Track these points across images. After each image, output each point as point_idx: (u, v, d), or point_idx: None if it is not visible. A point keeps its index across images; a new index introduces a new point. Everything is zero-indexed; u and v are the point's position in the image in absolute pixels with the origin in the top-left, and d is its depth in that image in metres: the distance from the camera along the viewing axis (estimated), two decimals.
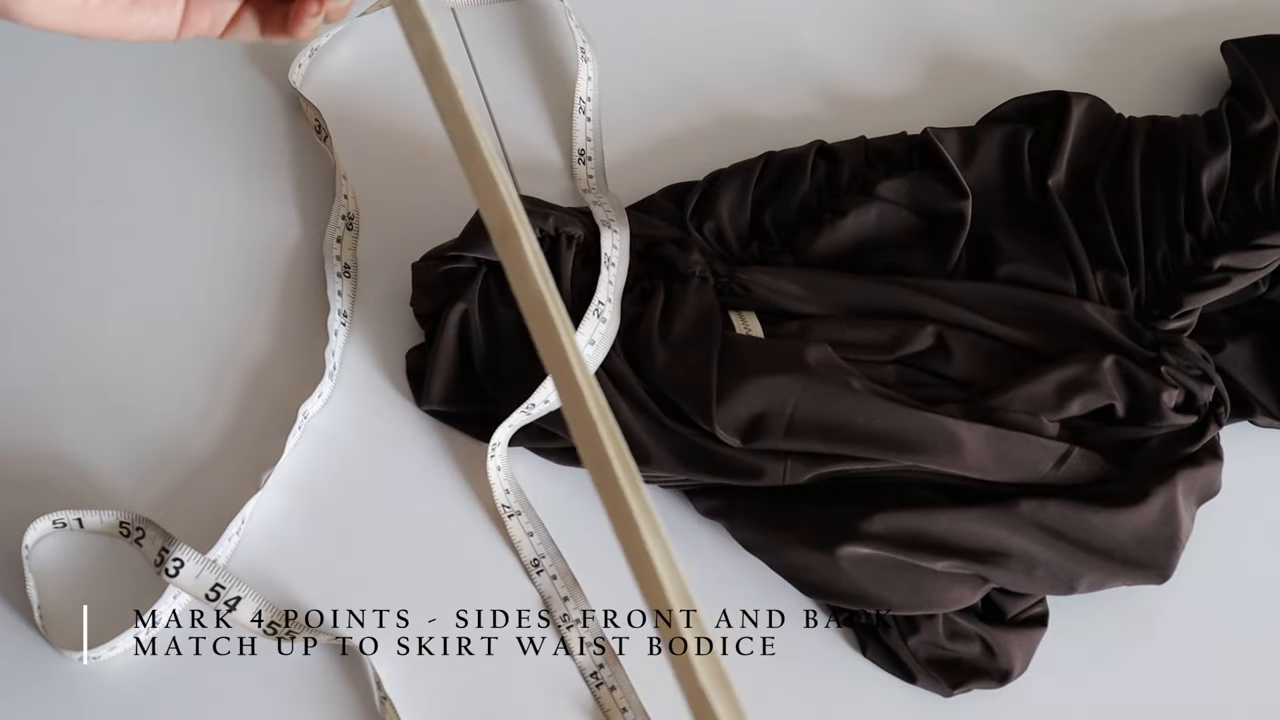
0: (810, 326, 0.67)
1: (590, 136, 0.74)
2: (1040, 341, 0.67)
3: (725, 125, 0.76)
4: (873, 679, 0.65)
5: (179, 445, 0.67)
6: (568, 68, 0.77)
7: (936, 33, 0.79)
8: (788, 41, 0.78)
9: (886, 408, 0.63)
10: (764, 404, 0.63)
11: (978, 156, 0.71)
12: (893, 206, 0.69)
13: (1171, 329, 0.67)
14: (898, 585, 0.63)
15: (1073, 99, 0.71)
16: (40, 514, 0.64)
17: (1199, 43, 0.77)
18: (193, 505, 0.66)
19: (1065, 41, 0.78)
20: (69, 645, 0.63)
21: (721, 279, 0.67)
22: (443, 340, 0.67)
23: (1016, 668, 0.64)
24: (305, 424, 0.67)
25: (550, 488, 0.67)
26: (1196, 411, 0.66)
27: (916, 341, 0.66)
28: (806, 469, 0.64)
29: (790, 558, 0.64)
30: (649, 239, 0.68)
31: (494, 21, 0.78)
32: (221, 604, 0.63)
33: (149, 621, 0.63)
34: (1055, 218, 0.69)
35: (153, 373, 0.69)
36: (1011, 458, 0.63)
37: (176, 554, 0.62)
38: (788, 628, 0.65)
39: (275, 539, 0.66)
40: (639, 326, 0.66)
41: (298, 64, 0.75)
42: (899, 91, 0.77)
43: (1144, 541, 0.63)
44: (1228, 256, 0.67)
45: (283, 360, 0.69)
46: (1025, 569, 0.63)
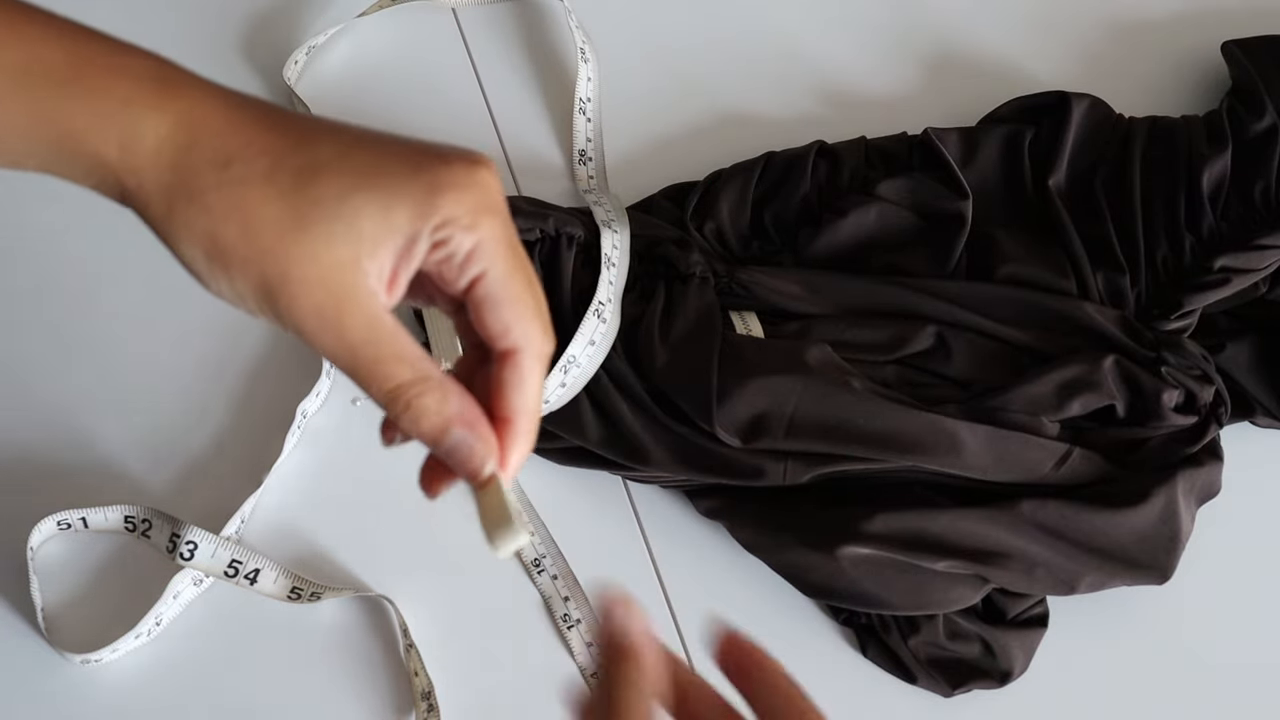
0: (810, 326, 0.67)
1: (590, 137, 0.74)
2: (1040, 341, 0.67)
3: (725, 125, 0.76)
4: (873, 679, 0.65)
5: (178, 445, 0.67)
6: (568, 68, 0.77)
7: (936, 33, 0.79)
8: (788, 41, 0.78)
9: (886, 408, 0.63)
10: (764, 404, 0.63)
11: (978, 156, 0.71)
12: (893, 206, 0.69)
13: (1172, 329, 0.67)
14: (898, 585, 0.63)
15: (1073, 99, 0.71)
16: (42, 515, 0.64)
17: (1199, 43, 0.77)
18: (192, 505, 0.66)
19: (1065, 41, 0.78)
20: (71, 647, 0.63)
21: (722, 279, 0.67)
22: None
23: (1016, 668, 0.64)
24: (304, 423, 0.67)
25: (551, 488, 0.67)
26: (1197, 412, 0.66)
27: (916, 341, 0.66)
28: (806, 469, 0.64)
29: (790, 558, 0.64)
30: (649, 239, 0.68)
31: (494, 21, 0.78)
32: (242, 578, 0.63)
33: (154, 623, 0.63)
34: (1055, 218, 0.69)
35: (151, 373, 0.69)
36: (1011, 458, 0.63)
37: (189, 537, 0.63)
38: (788, 628, 0.65)
39: (275, 538, 0.66)
40: (639, 326, 0.66)
41: (293, 61, 0.75)
42: (899, 91, 0.77)
43: (1144, 542, 0.63)
44: (1228, 257, 0.67)
45: (281, 360, 0.69)
46: (1025, 569, 0.63)
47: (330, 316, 0.40)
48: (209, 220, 0.39)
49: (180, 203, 0.39)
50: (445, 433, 0.41)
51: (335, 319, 0.40)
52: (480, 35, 0.78)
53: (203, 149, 0.40)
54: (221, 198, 0.39)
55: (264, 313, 0.40)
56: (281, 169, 0.40)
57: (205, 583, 0.64)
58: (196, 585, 0.64)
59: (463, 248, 0.40)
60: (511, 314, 0.41)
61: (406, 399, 0.41)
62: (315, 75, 0.76)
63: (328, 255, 0.39)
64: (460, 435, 0.41)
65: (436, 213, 0.40)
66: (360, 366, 0.41)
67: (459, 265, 0.41)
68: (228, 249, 0.39)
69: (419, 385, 0.41)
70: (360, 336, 0.40)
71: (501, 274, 0.41)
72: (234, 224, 0.39)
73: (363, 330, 0.40)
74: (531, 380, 0.42)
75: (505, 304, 0.41)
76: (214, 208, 0.39)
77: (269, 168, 0.40)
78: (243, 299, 0.40)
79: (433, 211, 0.40)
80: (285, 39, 0.77)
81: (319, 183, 0.40)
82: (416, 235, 0.40)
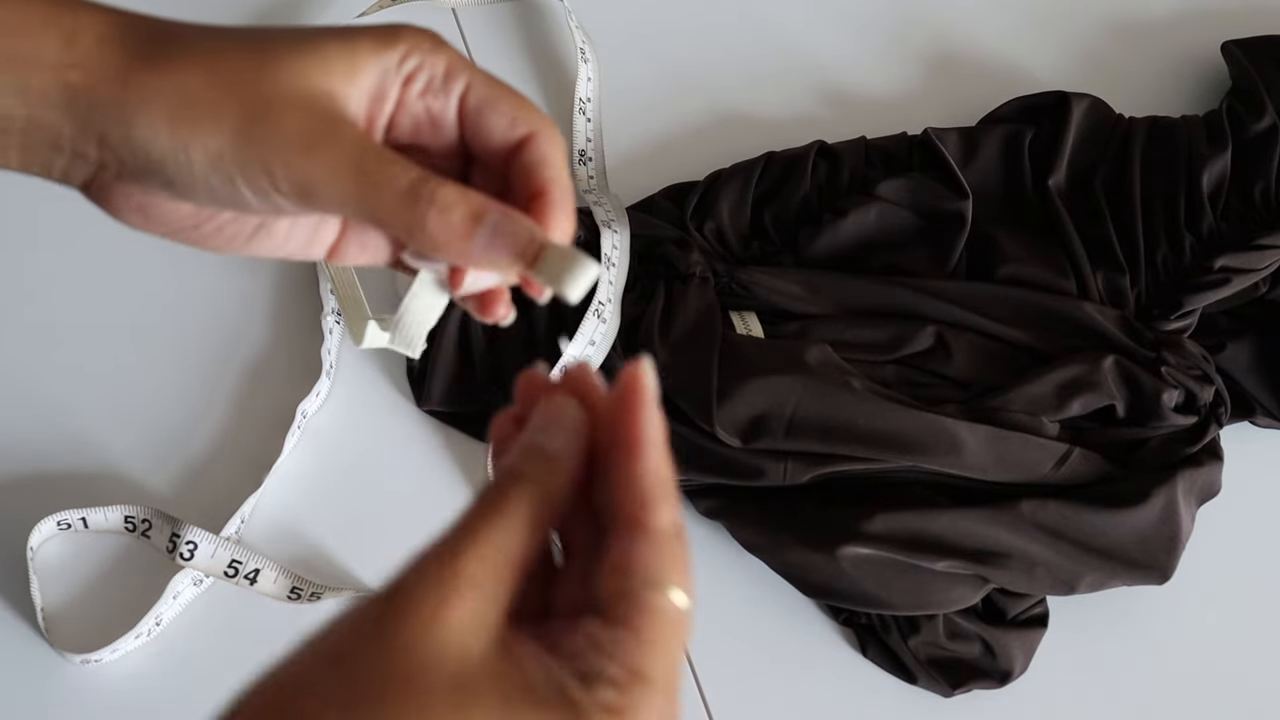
0: (810, 326, 0.67)
1: (590, 137, 0.74)
2: (1040, 341, 0.67)
3: (725, 125, 0.76)
4: (873, 679, 0.65)
5: (178, 445, 0.67)
6: (568, 68, 0.77)
7: (936, 33, 0.79)
8: (788, 41, 0.78)
9: (886, 408, 0.63)
10: (764, 404, 0.63)
11: (978, 156, 0.71)
12: (893, 206, 0.69)
13: (1171, 329, 0.67)
14: (898, 585, 0.63)
15: (1073, 99, 0.71)
16: (42, 515, 0.64)
17: (1199, 43, 0.77)
18: (192, 505, 0.66)
19: (1065, 41, 0.78)
20: (71, 647, 0.63)
21: (722, 279, 0.67)
22: (443, 340, 0.67)
23: (1016, 668, 0.64)
24: (304, 423, 0.67)
25: None
26: (1197, 412, 0.66)
27: (916, 341, 0.66)
28: (806, 469, 0.64)
29: (790, 558, 0.64)
30: (649, 239, 0.68)
31: (494, 21, 0.78)
32: (242, 578, 0.63)
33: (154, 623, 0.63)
34: (1055, 218, 0.69)
35: (151, 373, 0.69)
36: (1011, 458, 0.63)
37: (189, 537, 0.63)
38: (788, 628, 0.65)
39: (275, 538, 0.66)
40: (639, 326, 0.66)
41: None
42: (899, 91, 0.77)
43: (1144, 542, 0.63)
44: (1228, 257, 0.67)
45: (281, 360, 0.69)
46: (1025, 569, 0.63)
47: (322, 137, 0.37)
48: (172, 77, 0.37)
49: (136, 74, 0.37)
50: (482, 217, 0.38)
51: (327, 139, 0.37)
52: (480, 35, 0.78)
53: (149, 28, 0.38)
54: (181, 54, 0.38)
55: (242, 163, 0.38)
56: (234, 34, 0.39)
57: (205, 583, 0.64)
58: (196, 585, 0.64)
59: (438, 69, 0.39)
60: (512, 104, 0.40)
61: (428, 192, 0.38)
62: None
63: (304, 83, 0.38)
64: (498, 213, 0.38)
65: (398, 45, 0.39)
66: (366, 177, 0.37)
67: (441, 86, 0.39)
68: (196, 99, 0.37)
69: (432, 180, 0.38)
70: (357, 151, 0.38)
71: (485, 78, 0.40)
72: (199, 71, 0.37)
73: (357, 146, 0.38)
74: (556, 154, 0.40)
75: (503, 98, 0.40)
76: (175, 63, 0.37)
77: (220, 33, 0.39)
78: (218, 160, 0.38)
79: (394, 44, 0.39)
80: None
81: (277, 36, 0.39)
82: (385, 73, 0.39)
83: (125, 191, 0.40)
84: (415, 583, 0.31)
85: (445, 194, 0.37)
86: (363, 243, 0.43)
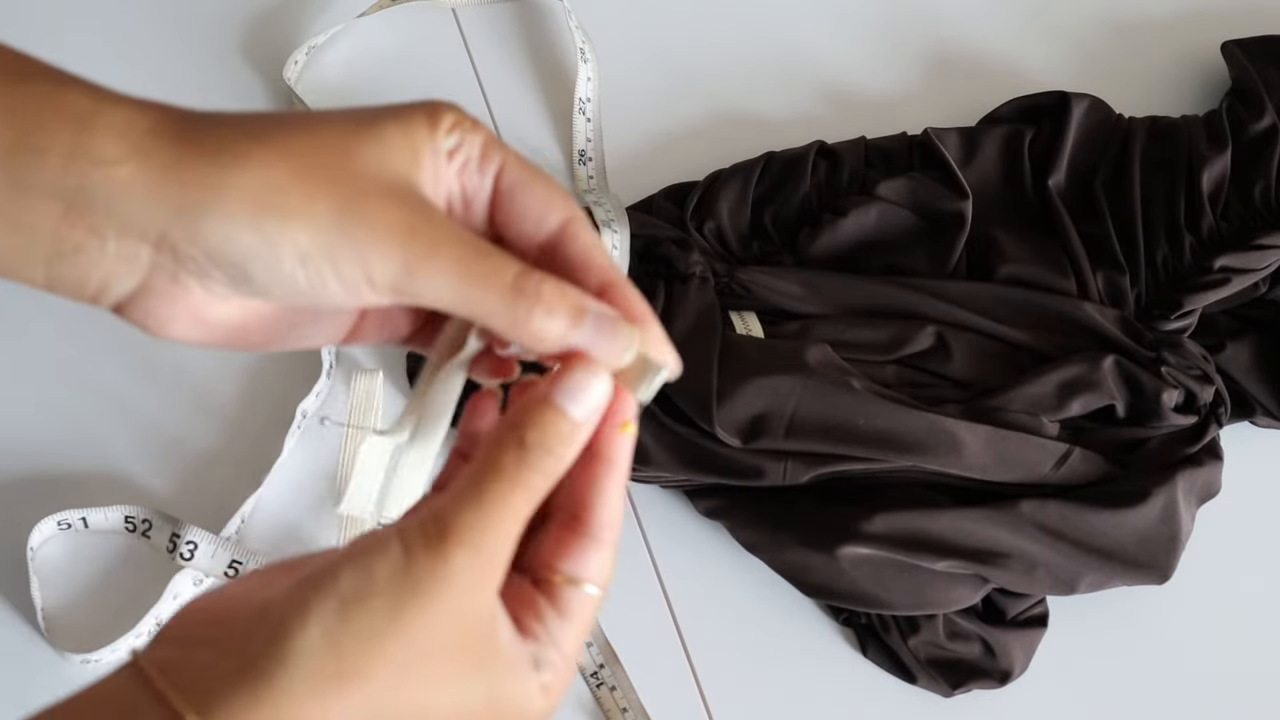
0: (810, 326, 0.67)
1: (590, 137, 0.74)
2: (1040, 341, 0.67)
3: (725, 125, 0.76)
4: (873, 679, 0.65)
5: (178, 445, 0.67)
6: (568, 68, 0.77)
7: (936, 33, 0.79)
8: (788, 41, 0.78)
9: (886, 408, 0.63)
10: (764, 404, 0.63)
11: (978, 156, 0.71)
12: (893, 206, 0.69)
13: (1171, 329, 0.67)
14: (898, 585, 0.63)
15: (1073, 99, 0.71)
16: (42, 515, 0.64)
17: (1199, 43, 0.77)
18: (192, 505, 0.66)
19: (1065, 41, 0.78)
20: (71, 647, 0.63)
21: (721, 279, 0.67)
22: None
23: (1016, 668, 0.64)
24: (304, 423, 0.67)
25: None
26: (1196, 412, 0.66)
27: (916, 341, 0.66)
28: (806, 469, 0.64)
29: (790, 558, 0.64)
30: (649, 239, 0.68)
31: (494, 21, 0.78)
32: None
33: (154, 623, 0.63)
34: (1055, 218, 0.69)
35: (152, 373, 0.69)
36: (1011, 458, 0.63)
37: (189, 537, 0.63)
38: (788, 628, 0.65)
39: (275, 538, 0.66)
40: None
41: (293, 61, 0.74)
42: (899, 91, 0.77)
43: (1144, 542, 0.63)
44: (1228, 257, 0.67)
45: (281, 360, 0.69)
46: (1025, 569, 0.63)
47: (419, 229, 0.36)
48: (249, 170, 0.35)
49: (196, 168, 0.35)
50: (583, 313, 0.37)
51: (425, 230, 0.36)
52: (480, 35, 0.78)
53: (198, 120, 0.36)
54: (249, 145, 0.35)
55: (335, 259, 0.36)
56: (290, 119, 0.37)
57: (205, 583, 0.64)
58: (196, 585, 0.64)
59: (475, 146, 0.38)
60: (545, 187, 0.39)
61: (532, 287, 0.36)
62: (315, 75, 0.76)
63: (385, 170, 0.36)
64: (598, 306, 0.37)
65: (442, 122, 0.38)
66: (470, 270, 0.36)
67: (478, 165, 0.38)
68: (284, 192, 0.35)
69: (535, 274, 0.37)
70: (457, 243, 0.36)
71: (517, 158, 0.39)
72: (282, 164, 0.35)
73: (456, 237, 0.36)
74: (595, 240, 0.39)
75: (536, 181, 0.39)
76: (249, 155, 0.35)
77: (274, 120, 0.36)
78: (308, 255, 0.35)
79: (440, 122, 0.38)
80: (285, 39, 0.77)
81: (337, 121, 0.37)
82: (436, 153, 0.38)
83: (180, 294, 0.37)
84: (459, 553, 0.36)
85: (549, 290, 0.37)
86: (382, 324, 0.42)
